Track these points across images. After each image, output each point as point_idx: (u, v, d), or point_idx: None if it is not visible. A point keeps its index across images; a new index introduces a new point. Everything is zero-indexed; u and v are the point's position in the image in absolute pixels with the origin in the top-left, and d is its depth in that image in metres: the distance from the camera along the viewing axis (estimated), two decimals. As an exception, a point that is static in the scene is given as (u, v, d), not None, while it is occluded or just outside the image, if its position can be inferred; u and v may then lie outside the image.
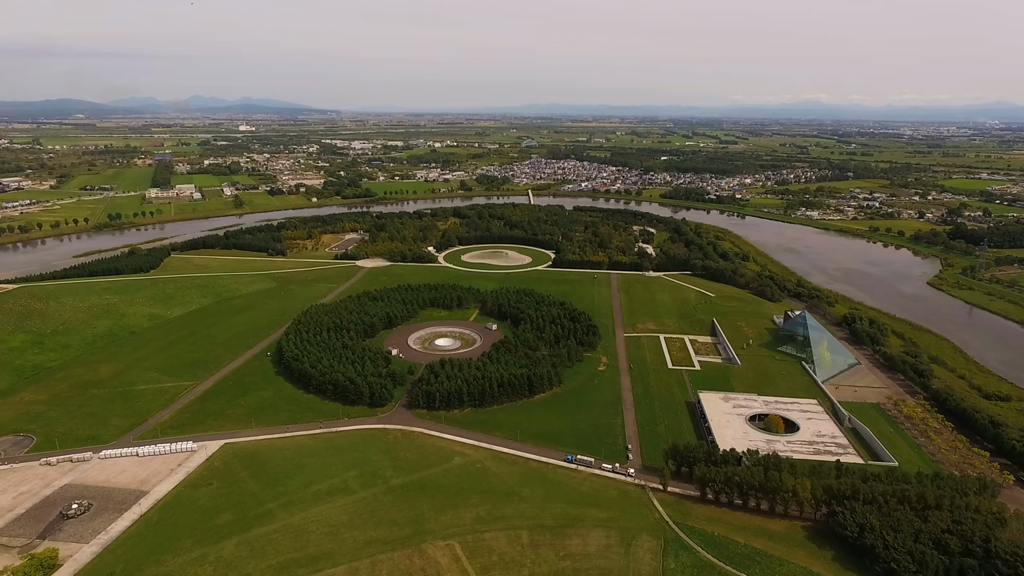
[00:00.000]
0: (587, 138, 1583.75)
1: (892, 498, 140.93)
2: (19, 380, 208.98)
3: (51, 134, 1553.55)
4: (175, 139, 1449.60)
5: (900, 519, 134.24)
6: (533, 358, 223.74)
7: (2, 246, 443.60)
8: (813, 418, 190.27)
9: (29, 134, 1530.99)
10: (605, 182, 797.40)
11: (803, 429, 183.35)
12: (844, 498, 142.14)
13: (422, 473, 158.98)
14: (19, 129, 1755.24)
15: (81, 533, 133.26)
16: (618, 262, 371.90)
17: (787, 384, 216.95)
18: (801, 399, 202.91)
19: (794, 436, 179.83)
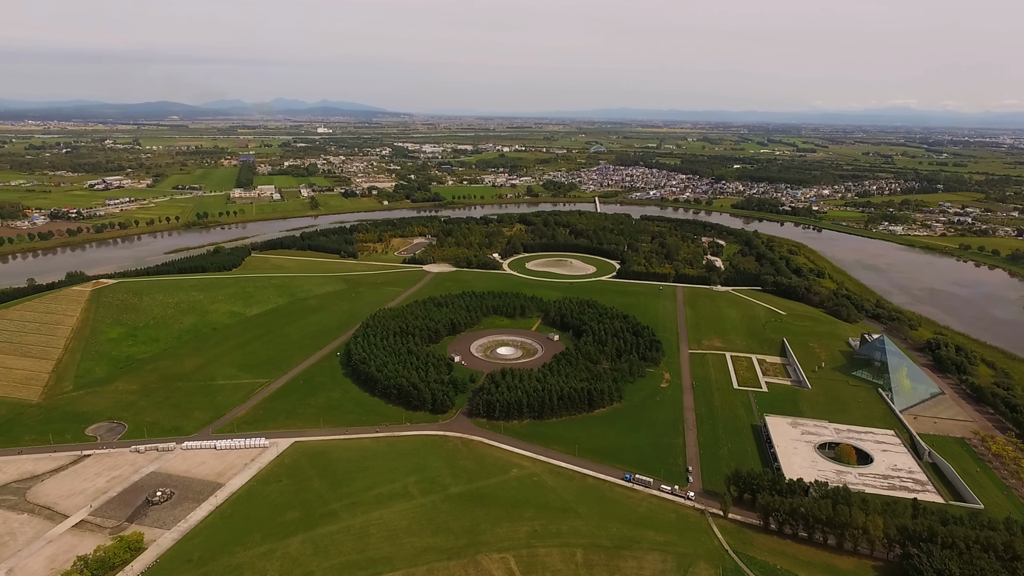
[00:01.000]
0: (657, 144, 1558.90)
1: (975, 545, 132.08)
2: (115, 370, 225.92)
3: (149, 135, 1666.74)
4: (258, 140, 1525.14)
5: (984, 569, 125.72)
6: (594, 372, 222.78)
7: (104, 241, 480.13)
8: (889, 450, 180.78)
9: (130, 135, 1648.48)
10: (674, 190, 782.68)
11: (877, 461, 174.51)
12: (920, 540, 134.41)
13: (480, 483, 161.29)
14: (122, 130, 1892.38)
15: (163, 520, 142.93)
16: (685, 275, 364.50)
17: (861, 412, 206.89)
18: (876, 429, 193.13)
19: (867, 468, 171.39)
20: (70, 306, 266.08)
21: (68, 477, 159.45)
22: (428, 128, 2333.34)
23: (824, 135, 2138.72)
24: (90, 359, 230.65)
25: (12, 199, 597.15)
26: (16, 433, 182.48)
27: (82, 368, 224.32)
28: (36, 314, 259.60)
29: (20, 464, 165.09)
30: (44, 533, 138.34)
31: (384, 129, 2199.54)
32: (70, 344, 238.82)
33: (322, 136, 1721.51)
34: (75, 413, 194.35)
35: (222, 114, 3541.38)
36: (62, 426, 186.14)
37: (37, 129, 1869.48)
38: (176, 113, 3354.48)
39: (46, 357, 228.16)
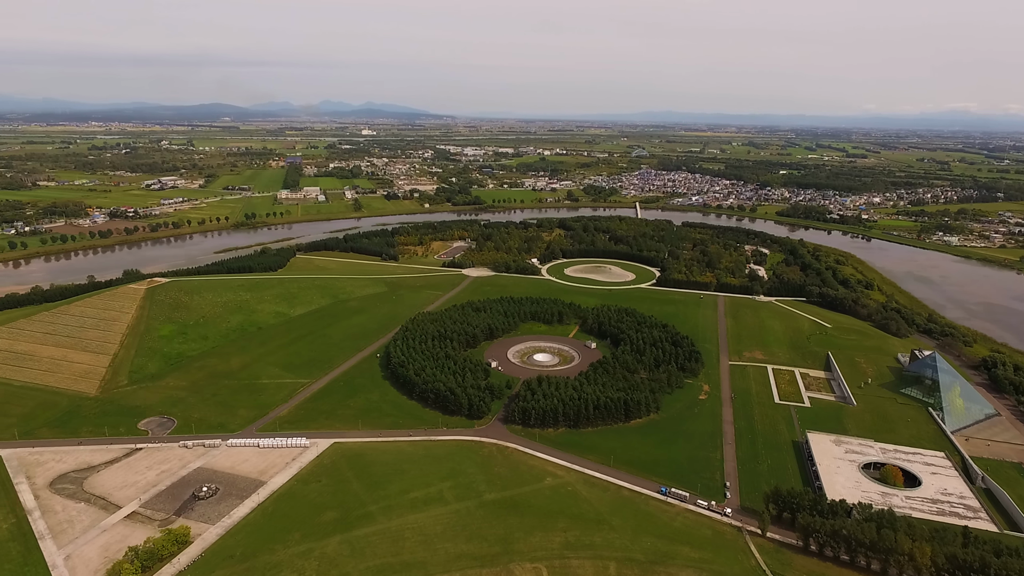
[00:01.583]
0: (700, 148, 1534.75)
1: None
2: (166, 366, 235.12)
3: (202, 136, 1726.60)
4: (305, 142, 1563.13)
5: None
6: (631, 381, 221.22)
7: (158, 240, 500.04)
8: (938, 473, 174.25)
9: (184, 136, 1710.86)
10: (717, 196, 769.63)
11: (925, 484, 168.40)
12: (971, 571, 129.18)
13: (514, 491, 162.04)
14: (177, 131, 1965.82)
15: (209, 515, 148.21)
16: (726, 284, 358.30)
17: (909, 432, 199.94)
18: (925, 450, 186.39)
19: (914, 492, 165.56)
20: (126, 303, 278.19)
21: (121, 469, 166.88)
22: (470, 131, 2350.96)
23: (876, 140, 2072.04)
24: (143, 355, 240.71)
25: (76, 198, 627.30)
26: (75, 425, 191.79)
27: (136, 364, 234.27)
28: (95, 310, 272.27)
29: (78, 455, 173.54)
30: (99, 522, 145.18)
31: (427, 131, 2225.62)
32: (125, 340, 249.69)
33: (366, 138, 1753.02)
34: (129, 407, 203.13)
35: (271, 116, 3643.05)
36: (117, 419, 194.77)
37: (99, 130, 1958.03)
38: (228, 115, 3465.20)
39: (103, 352, 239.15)
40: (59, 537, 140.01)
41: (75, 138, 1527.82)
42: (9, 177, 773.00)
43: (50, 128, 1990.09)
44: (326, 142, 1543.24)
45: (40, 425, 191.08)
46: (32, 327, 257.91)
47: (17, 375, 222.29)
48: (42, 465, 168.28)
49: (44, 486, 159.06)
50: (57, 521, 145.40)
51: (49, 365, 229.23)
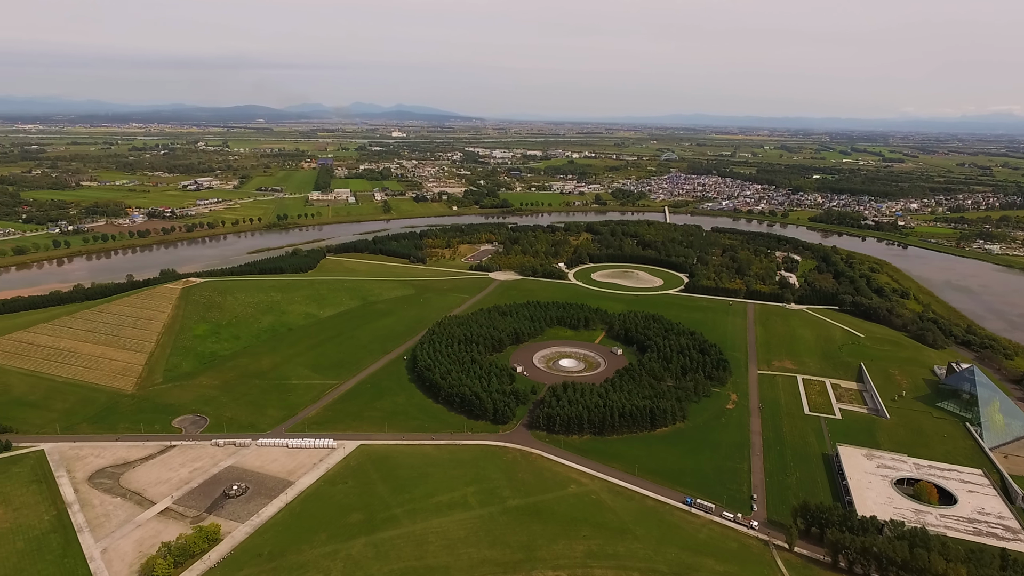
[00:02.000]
0: (731, 152, 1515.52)
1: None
2: (200, 365, 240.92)
3: (236, 137, 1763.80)
4: (336, 144, 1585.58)
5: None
6: (657, 389, 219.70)
7: (194, 240, 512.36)
8: (975, 491, 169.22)
9: (220, 137, 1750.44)
10: (748, 201, 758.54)
11: (961, 503, 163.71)
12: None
13: (537, 497, 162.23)
14: (213, 132, 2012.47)
15: (238, 513, 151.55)
16: (756, 291, 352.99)
17: (945, 447, 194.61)
18: (962, 467, 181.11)
19: (950, 510, 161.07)
20: (162, 303, 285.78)
21: (156, 466, 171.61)
22: (499, 133, 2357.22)
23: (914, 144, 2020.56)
24: (178, 354, 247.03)
25: (116, 198, 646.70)
26: (113, 421, 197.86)
27: (171, 362, 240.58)
28: (133, 309, 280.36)
29: (116, 450, 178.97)
30: (134, 517, 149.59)
31: (456, 133, 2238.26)
32: (161, 339, 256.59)
33: (396, 140, 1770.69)
34: (164, 405, 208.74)
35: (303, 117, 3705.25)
36: (152, 416, 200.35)
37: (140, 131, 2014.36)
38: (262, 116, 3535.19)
39: (140, 350, 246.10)
40: (96, 530, 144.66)
41: (116, 139, 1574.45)
42: (55, 177, 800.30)
43: (93, 129, 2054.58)
44: (357, 144, 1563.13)
45: (80, 420, 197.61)
46: (74, 324, 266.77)
47: (60, 371, 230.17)
48: (81, 460, 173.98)
49: (83, 480, 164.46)
50: (95, 515, 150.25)
51: (89, 362, 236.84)
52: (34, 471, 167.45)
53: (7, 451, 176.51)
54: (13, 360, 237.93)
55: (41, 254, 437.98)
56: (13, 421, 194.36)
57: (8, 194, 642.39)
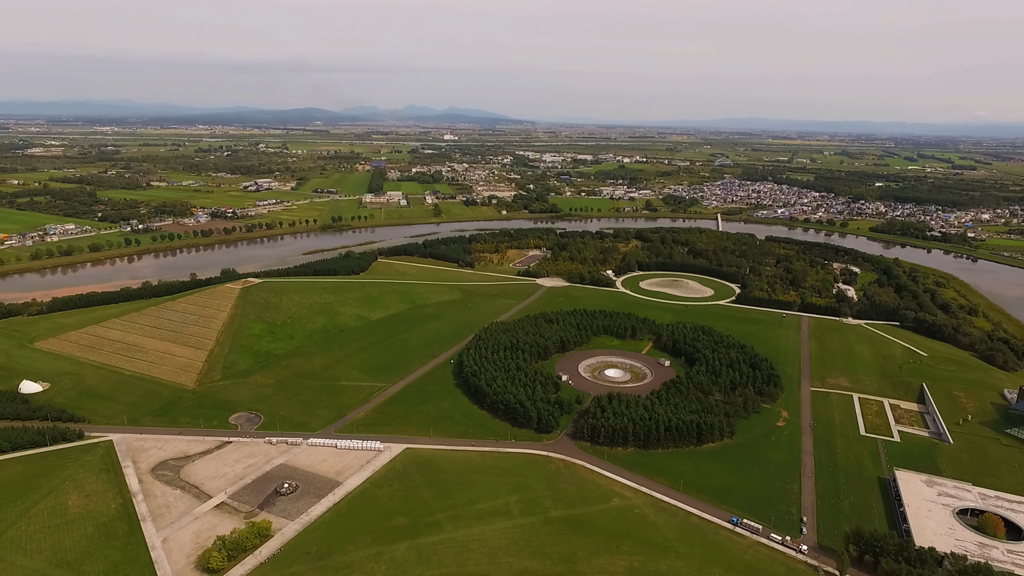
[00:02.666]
0: (788, 158, 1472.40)
1: None
2: (255, 363, 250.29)
3: (295, 139, 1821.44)
4: (390, 146, 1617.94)
5: None
6: (705, 403, 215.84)
7: (253, 240, 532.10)
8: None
9: (280, 139, 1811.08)
10: (805, 210, 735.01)
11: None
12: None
13: (580, 509, 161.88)
14: (273, 134, 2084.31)
15: (288, 511, 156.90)
16: (811, 304, 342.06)
17: (1015, 477, 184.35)
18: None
19: (1019, 545, 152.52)
20: (223, 301, 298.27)
21: (213, 461, 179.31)
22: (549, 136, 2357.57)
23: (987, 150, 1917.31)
24: (236, 352, 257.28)
25: (182, 198, 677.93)
26: (175, 415, 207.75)
27: (229, 360, 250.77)
28: (196, 307, 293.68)
29: (177, 444, 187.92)
30: (192, 510, 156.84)
31: (507, 137, 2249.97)
32: (220, 337, 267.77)
33: (448, 143, 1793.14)
34: (221, 401, 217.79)
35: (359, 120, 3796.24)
36: (210, 412, 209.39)
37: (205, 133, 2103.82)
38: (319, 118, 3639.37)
39: (201, 347, 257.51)
40: (158, 520, 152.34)
41: (184, 141, 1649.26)
42: (127, 177, 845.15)
43: (163, 131, 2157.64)
44: (409, 147, 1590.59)
45: (145, 413, 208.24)
46: (142, 321, 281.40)
47: (128, 365, 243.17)
48: (145, 451, 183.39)
49: (147, 471, 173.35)
50: (157, 505, 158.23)
51: (155, 357, 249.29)
52: (103, 460, 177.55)
53: (80, 440, 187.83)
54: (88, 353, 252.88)
55: (114, 251, 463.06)
56: (86, 411, 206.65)
57: (86, 193, 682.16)
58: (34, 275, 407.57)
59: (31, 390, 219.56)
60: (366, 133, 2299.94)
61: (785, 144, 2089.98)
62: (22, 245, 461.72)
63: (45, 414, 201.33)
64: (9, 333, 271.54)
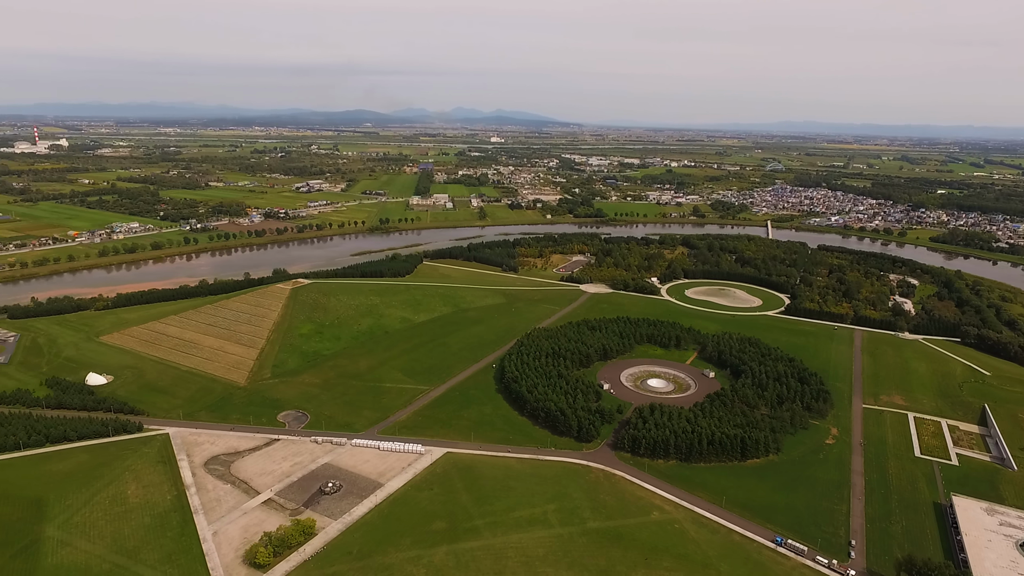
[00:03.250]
0: (844, 163, 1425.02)
1: None
2: (303, 363, 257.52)
3: (346, 141, 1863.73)
4: (437, 148, 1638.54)
5: None
6: (750, 418, 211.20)
7: (304, 240, 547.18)
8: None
9: (331, 140, 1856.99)
10: (860, 217, 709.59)
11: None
12: None
13: (618, 521, 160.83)
14: (324, 136, 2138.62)
15: (332, 510, 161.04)
16: (865, 317, 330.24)
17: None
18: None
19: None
20: (274, 301, 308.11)
21: (261, 458, 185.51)
22: (596, 139, 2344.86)
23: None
24: (285, 351, 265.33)
25: (238, 198, 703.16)
26: (226, 411, 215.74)
27: (279, 359, 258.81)
28: (248, 306, 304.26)
29: (228, 440, 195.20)
30: (241, 505, 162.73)
31: (553, 140, 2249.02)
32: (271, 336, 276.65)
33: (494, 145, 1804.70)
34: (270, 399, 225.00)
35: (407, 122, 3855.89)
36: (260, 410, 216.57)
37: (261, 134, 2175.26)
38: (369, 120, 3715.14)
39: (253, 346, 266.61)
40: (209, 513, 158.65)
41: (240, 142, 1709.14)
42: (188, 177, 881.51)
43: (222, 132, 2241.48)
44: (456, 149, 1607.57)
45: (199, 408, 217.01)
46: (198, 318, 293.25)
47: (184, 360, 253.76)
48: (199, 446, 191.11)
49: (200, 465, 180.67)
50: (208, 499, 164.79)
51: (209, 354, 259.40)
52: (160, 453, 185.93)
53: (139, 432, 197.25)
54: (148, 348, 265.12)
55: (173, 249, 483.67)
56: (145, 404, 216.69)
57: (150, 193, 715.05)
58: (101, 271, 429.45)
59: (96, 382, 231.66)
60: (414, 135, 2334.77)
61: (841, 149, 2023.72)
62: (91, 242, 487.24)
63: (108, 406, 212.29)
64: (78, 327, 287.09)
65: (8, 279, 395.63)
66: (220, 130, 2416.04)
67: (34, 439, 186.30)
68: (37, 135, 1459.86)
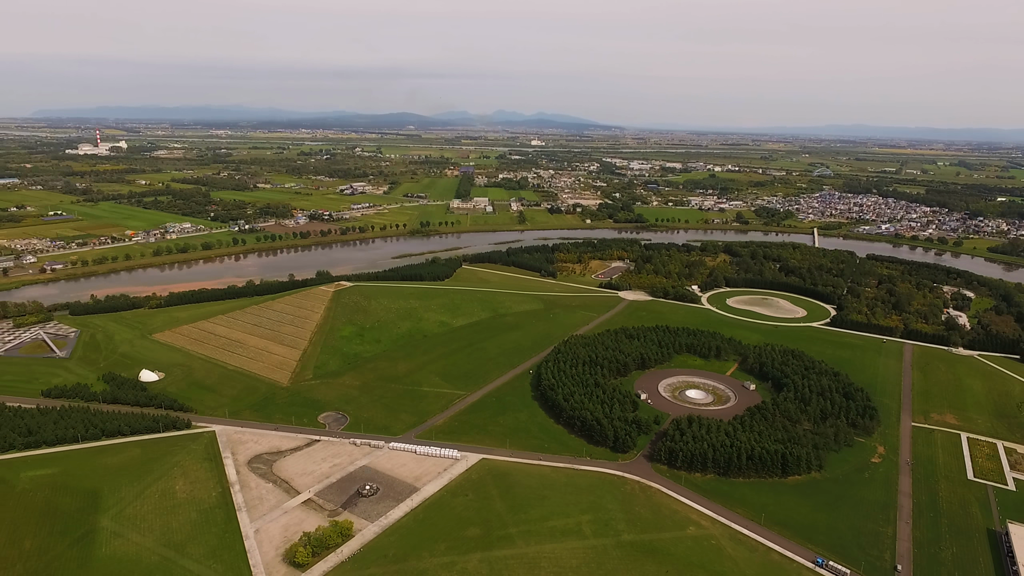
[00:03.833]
0: (896, 168, 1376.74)
1: None
2: (344, 365, 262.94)
3: (389, 144, 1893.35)
4: (478, 151, 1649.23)
5: None
6: (792, 433, 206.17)
7: (346, 243, 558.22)
8: None
9: (374, 143, 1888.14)
10: (913, 226, 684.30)
11: None
12: None
13: (653, 535, 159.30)
14: (368, 139, 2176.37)
15: (369, 512, 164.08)
16: (916, 331, 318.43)
17: None
18: None
19: None
20: (317, 303, 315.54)
21: (302, 458, 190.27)
22: (638, 143, 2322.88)
23: None
24: (327, 353, 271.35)
25: (284, 200, 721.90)
26: (270, 411, 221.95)
27: (320, 360, 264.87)
28: (292, 307, 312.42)
29: (270, 439, 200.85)
30: (282, 504, 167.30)
31: (594, 143, 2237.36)
32: (313, 337, 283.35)
33: (535, 149, 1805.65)
34: (312, 400, 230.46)
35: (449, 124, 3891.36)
36: (301, 410, 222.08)
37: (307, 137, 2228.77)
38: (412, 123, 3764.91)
39: (296, 347, 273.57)
40: (251, 511, 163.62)
41: (288, 144, 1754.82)
42: (237, 179, 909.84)
43: (270, 135, 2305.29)
44: (497, 152, 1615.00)
45: (244, 407, 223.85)
46: (244, 318, 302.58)
47: (230, 360, 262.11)
48: (243, 444, 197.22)
49: (244, 463, 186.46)
50: (251, 497, 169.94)
51: (254, 354, 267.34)
52: (207, 450, 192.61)
53: (188, 429, 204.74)
54: (196, 346, 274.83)
55: (223, 250, 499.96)
56: (193, 402, 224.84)
57: (201, 194, 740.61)
58: (155, 270, 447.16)
59: (148, 379, 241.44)
60: (456, 138, 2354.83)
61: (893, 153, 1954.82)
62: (146, 241, 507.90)
63: (159, 402, 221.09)
64: (133, 324, 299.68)
65: (71, 276, 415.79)
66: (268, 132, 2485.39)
67: (91, 432, 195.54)
68: (99, 137, 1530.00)
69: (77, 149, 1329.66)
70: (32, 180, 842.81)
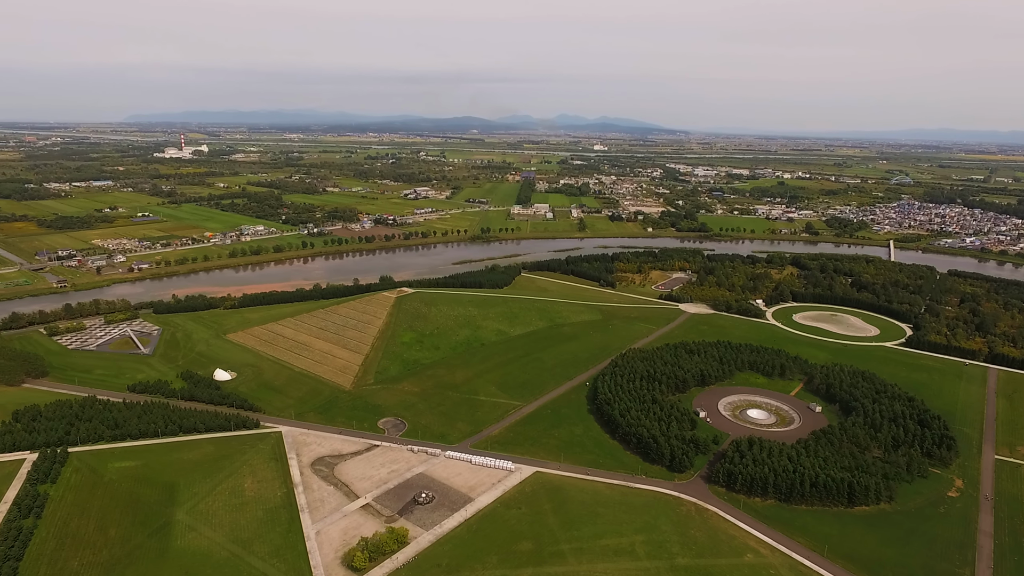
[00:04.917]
0: (985, 176, 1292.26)
1: None
2: (404, 370, 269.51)
3: (452, 148, 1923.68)
4: (540, 156, 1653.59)
5: None
6: (860, 460, 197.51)
7: (409, 247, 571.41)
8: None
9: (438, 147, 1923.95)
10: (1002, 240, 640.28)
11: None
12: None
13: (708, 560, 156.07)
14: (432, 143, 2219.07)
15: (424, 520, 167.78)
16: (1003, 355, 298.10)
17: None
18: None
19: None
20: (379, 309, 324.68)
21: (362, 462, 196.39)
22: (703, 148, 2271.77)
23: None
24: (388, 358, 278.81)
25: (351, 204, 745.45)
26: (333, 414, 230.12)
27: (382, 365, 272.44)
28: (356, 312, 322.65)
29: (333, 442, 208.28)
30: (342, 507, 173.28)
31: (658, 148, 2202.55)
32: (375, 342, 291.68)
33: (597, 154, 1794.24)
34: (373, 405, 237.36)
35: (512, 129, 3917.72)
36: (362, 415, 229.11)
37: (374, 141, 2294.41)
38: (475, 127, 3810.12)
39: (358, 351, 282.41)
40: (313, 513, 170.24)
41: (355, 148, 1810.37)
42: (307, 183, 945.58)
43: (339, 139, 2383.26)
44: (559, 157, 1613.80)
45: (309, 409, 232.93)
46: (310, 321, 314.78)
47: (297, 362, 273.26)
48: (307, 446, 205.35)
49: (307, 465, 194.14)
50: (313, 498, 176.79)
51: (319, 357, 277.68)
52: (274, 450, 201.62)
53: (256, 428, 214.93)
54: (266, 347, 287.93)
55: (292, 253, 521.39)
56: (262, 402, 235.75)
57: (274, 197, 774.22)
58: (230, 271, 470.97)
59: (222, 378, 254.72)
60: (518, 142, 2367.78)
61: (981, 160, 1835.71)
62: (223, 243, 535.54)
63: (231, 401, 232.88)
64: (209, 324, 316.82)
65: (155, 276, 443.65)
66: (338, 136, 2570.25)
67: (170, 428, 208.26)
68: (183, 141, 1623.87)
69: (163, 152, 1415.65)
70: (123, 183, 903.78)
